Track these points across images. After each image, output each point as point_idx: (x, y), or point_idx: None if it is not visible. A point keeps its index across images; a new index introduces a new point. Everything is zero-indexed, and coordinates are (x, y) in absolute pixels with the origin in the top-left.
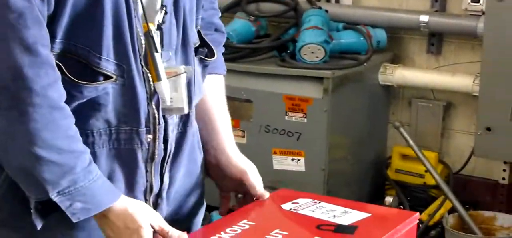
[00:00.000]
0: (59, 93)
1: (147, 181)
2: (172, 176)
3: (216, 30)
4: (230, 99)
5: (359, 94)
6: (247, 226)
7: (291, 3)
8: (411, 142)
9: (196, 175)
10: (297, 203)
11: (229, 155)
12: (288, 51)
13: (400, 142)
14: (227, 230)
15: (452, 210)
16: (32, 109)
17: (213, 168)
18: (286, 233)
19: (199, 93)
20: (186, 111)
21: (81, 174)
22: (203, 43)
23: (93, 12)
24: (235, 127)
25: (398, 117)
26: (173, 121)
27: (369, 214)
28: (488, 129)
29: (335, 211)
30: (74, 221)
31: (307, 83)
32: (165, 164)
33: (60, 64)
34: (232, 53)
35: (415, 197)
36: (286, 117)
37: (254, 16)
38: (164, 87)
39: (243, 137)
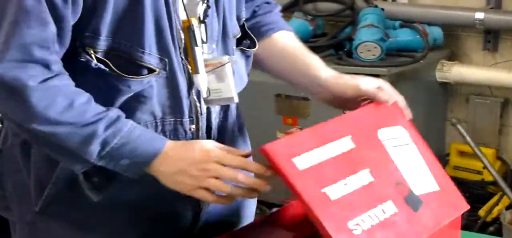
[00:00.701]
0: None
1: None
2: None
3: (267, 3)
4: (287, 97)
5: (416, 91)
6: (344, 149)
7: (348, 2)
8: (468, 139)
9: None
10: (393, 136)
11: (337, 80)
12: (345, 49)
13: (458, 139)
14: (329, 145)
15: (510, 206)
16: (26, 95)
17: (333, 101)
18: (372, 180)
19: (240, 83)
20: (236, 100)
21: (107, 135)
22: (246, 34)
23: (134, 9)
24: (293, 124)
25: (456, 114)
26: (215, 109)
27: (438, 188)
28: None
29: (416, 166)
30: (132, 177)
31: None
32: None
33: (107, 61)
34: None
35: (473, 193)
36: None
37: (311, 16)
38: (201, 79)
39: None
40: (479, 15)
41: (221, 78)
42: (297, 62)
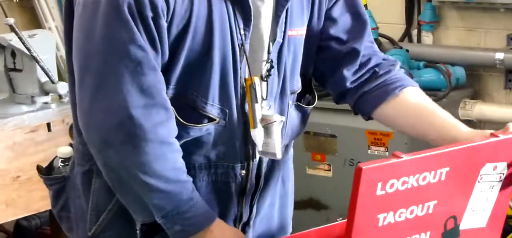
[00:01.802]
0: (169, 130)
1: (238, 211)
2: (259, 206)
3: (384, 59)
4: (316, 135)
5: None
6: (433, 180)
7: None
8: None
9: (278, 204)
10: (494, 171)
11: (474, 136)
12: None
13: None
14: (423, 174)
15: None
16: (144, 144)
17: None
18: (430, 211)
19: (291, 135)
20: (278, 157)
21: (184, 200)
22: (309, 90)
23: (203, 63)
24: (321, 160)
25: None
26: (265, 159)
27: (483, 226)
28: None
29: (485, 203)
30: None
31: None
32: (255, 196)
33: (172, 107)
34: (318, 92)
35: None
36: (369, 151)
37: None
38: (258, 134)
39: (329, 170)
40: (500, 56)
41: (269, 134)
42: (433, 120)
